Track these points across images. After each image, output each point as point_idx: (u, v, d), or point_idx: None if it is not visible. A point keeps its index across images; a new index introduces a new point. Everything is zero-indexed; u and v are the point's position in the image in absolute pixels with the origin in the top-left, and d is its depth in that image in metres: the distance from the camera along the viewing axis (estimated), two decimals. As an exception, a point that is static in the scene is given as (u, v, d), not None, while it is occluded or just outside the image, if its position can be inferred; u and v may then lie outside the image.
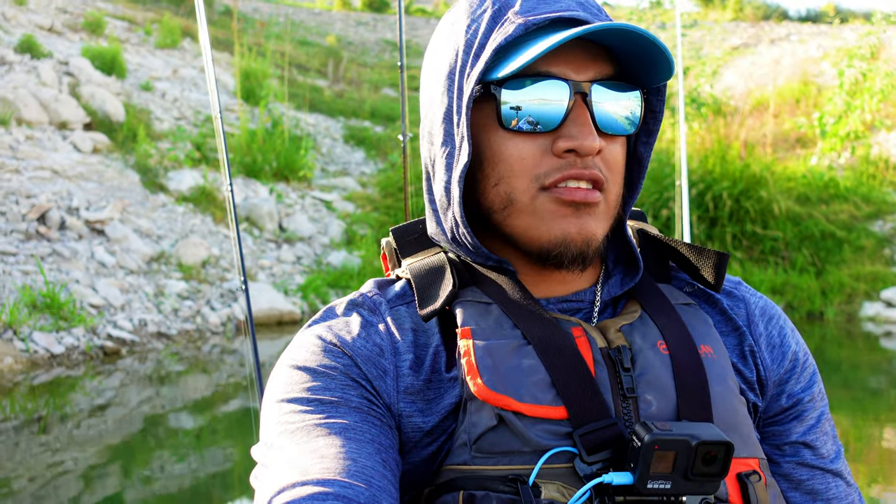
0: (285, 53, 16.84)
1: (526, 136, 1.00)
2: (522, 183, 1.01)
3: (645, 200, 10.00)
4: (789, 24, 22.55)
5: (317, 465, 0.87)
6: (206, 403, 5.92)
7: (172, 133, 10.71)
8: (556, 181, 0.99)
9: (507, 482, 0.91)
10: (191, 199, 9.29)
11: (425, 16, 25.53)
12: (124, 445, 4.93)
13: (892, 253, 10.05)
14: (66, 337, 6.29)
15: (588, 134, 0.98)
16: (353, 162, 12.99)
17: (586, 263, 1.02)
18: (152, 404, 5.70)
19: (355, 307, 1.06)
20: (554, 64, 0.99)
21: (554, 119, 0.99)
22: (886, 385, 7.14)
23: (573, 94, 0.98)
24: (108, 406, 5.56)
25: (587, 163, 0.99)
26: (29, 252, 6.96)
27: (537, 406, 0.93)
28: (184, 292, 7.62)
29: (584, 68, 1.00)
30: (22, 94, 9.36)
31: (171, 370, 6.47)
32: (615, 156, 1.02)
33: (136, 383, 6.05)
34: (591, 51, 1.00)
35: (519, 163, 1.00)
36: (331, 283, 8.71)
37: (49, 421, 5.19)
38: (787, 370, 1.11)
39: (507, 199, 1.02)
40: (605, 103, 1.00)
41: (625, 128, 1.02)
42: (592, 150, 0.98)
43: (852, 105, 11.85)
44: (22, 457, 4.57)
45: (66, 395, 5.66)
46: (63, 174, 8.44)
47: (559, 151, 0.99)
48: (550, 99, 0.99)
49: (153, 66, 13.29)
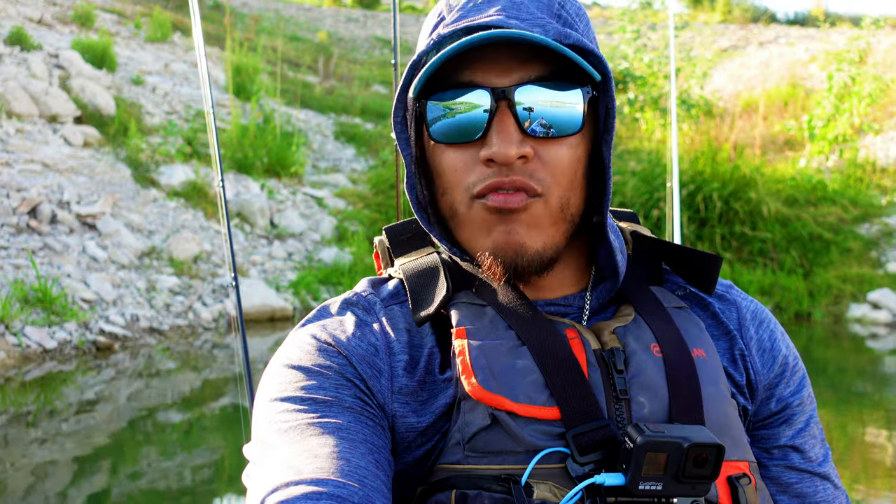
0: (276, 49, 16.80)
1: (457, 146, 1.00)
2: (458, 194, 1.01)
3: (636, 201, 10.06)
4: (777, 27, 22.67)
5: (310, 465, 0.87)
6: (196, 399, 5.92)
7: (163, 127, 10.67)
8: (481, 191, 0.98)
9: (500, 482, 0.92)
10: (182, 195, 9.27)
11: (415, 13, 25.50)
12: (113, 441, 4.92)
13: (879, 255, 10.14)
14: (59, 332, 6.26)
15: (504, 141, 0.96)
16: (343, 158, 12.99)
17: (530, 272, 1.01)
18: (142, 399, 5.69)
19: (350, 306, 1.06)
20: (477, 71, 0.98)
21: (477, 128, 0.98)
22: (871, 386, 7.22)
23: (494, 101, 0.97)
24: (98, 401, 5.55)
25: (512, 170, 0.97)
26: (20, 246, 6.93)
27: (531, 406, 0.94)
28: (175, 287, 7.60)
29: (508, 72, 0.98)
30: (12, 86, 9.31)
31: (162, 366, 6.46)
32: (556, 158, 0.99)
33: (127, 378, 6.04)
34: (520, 53, 0.98)
35: (453, 174, 1.01)
36: (322, 280, 8.72)
37: (39, 416, 5.18)
38: (776, 374, 1.11)
39: (451, 209, 1.03)
40: (539, 105, 0.97)
41: (562, 128, 0.99)
42: (507, 158, 0.96)
43: (841, 108, 11.95)
44: (10, 451, 4.55)
45: (58, 389, 5.64)
46: (54, 168, 8.40)
47: (483, 160, 0.98)
48: (472, 108, 0.98)
49: (143, 60, 13.23)
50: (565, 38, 0.98)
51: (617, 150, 11.95)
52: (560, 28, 0.99)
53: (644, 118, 12.55)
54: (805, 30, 21.49)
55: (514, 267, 1.00)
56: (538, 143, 0.98)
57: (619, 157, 11.52)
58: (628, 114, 12.53)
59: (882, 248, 10.25)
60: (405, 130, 1.07)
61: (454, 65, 0.99)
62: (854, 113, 11.84)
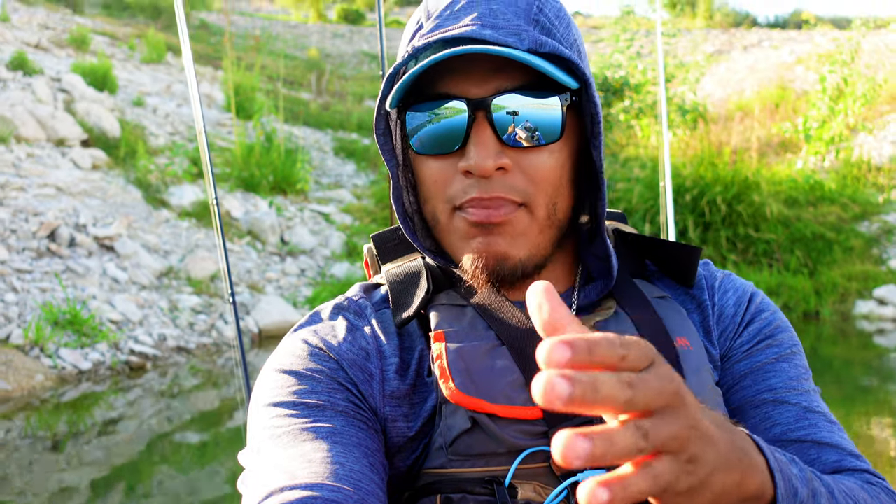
0: (266, 66, 16.86)
1: (437, 157, 1.00)
2: (440, 204, 1.02)
3: (639, 206, 10.18)
4: (760, 31, 22.95)
5: (304, 470, 0.86)
6: (213, 417, 5.93)
7: (169, 148, 10.73)
8: (462, 204, 0.99)
9: (484, 484, 0.92)
10: (193, 214, 9.32)
11: (400, 27, 25.64)
12: (130, 460, 4.94)
13: (881, 252, 10.30)
14: (91, 353, 6.31)
15: (482, 153, 0.96)
16: (344, 174, 13.06)
17: (514, 279, 1.01)
18: (164, 417, 5.71)
19: (341, 311, 1.06)
20: (454, 82, 0.98)
21: (455, 139, 0.98)
22: (877, 381, 7.32)
23: (472, 112, 0.96)
24: (120, 420, 5.57)
25: (490, 183, 0.97)
26: (43, 269, 6.96)
27: (511, 407, 0.93)
28: (197, 306, 7.65)
29: (484, 82, 0.97)
30: (19, 111, 9.33)
31: (185, 384, 6.49)
32: (536, 167, 0.98)
33: (153, 397, 6.07)
34: (497, 63, 0.97)
35: (433, 185, 1.02)
36: (337, 295, 8.75)
37: (67, 436, 5.20)
38: (739, 324, 1.10)
39: (434, 218, 1.04)
40: (519, 113, 0.97)
41: (543, 136, 0.98)
42: (485, 170, 0.95)
43: (836, 110, 12.14)
44: (33, 472, 4.58)
45: (90, 409, 5.67)
46: (67, 191, 8.43)
47: (462, 171, 0.98)
48: (450, 119, 0.97)
49: (141, 82, 13.27)
50: (541, 47, 0.97)
51: (619, 158, 12.05)
52: (536, 35, 0.98)
53: (639, 125, 12.69)
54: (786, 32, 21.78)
55: (497, 275, 1.00)
56: (517, 153, 0.98)
57: (622, 165, 11.64)
58: (624, 121, 12.66)
59: (883, 245, 10.41)
60: (389, 142, 1.07)
61: (431, 76, 0.99)
62: (849, 114, 12.03)
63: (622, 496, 0.54)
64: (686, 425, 0.60)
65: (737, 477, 0.68)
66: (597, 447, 0.52)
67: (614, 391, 0.53)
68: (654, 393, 0.56)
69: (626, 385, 0.54)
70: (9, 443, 4.96)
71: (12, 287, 6.55)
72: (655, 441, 0.57)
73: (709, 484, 0.64)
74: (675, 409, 0.59)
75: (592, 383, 0.52)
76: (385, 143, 1.06)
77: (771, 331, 1.10)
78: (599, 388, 0.53)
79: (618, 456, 0.54)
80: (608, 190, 1.93)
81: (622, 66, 12.87)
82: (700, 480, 0.63)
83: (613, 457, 0.53)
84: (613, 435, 0.54)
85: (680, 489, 0.61)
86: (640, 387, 0.55)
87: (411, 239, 1.09)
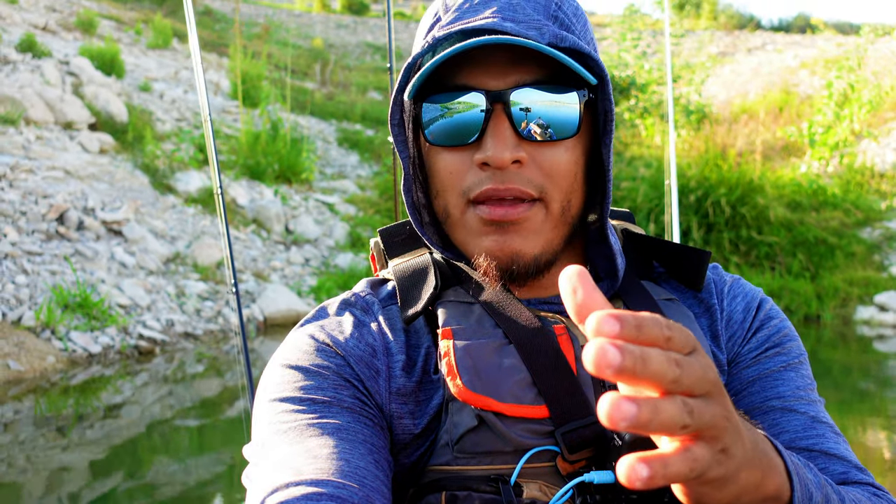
0: (272, 55, 16.85)
1: (452, 149, 0.99)
2: (453, 197, 1.01)
3: (643, 205, 10.22)
4: (763, 34, 22.98)
5: (310, 466, 0.85)
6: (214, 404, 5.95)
7: (175, 134, 10.73)
8: (477, 196, 0.98)
9: (489, 482, 0.92)
10: (199, 201, 9.33)
11: (405, 19, 25.60)
12: (130, 444, 4.96)
13: (882, 259, 10.35)
14: (101, 336, 6.33)
15: (499, 145, 0.95)
16: (348, 165, 13.08)
17: (526, 276, 1.01)
18: (166, 403, 5.73)
19: (348, 307, 1.05)
20: (473, 74, 0.97)
21: (472, 131, 0.97)
22: (875, 387, 7.36)
23: (490, 104, 0.96)
24: (124, 405, 5.60)
25: (506, 175, 0.97)
26: (52, 252, 6.98)
27: (518, 406, 0.93)
28: (203, 293, 7.67)
29: (504, 75, 0.97)
30: (28, 93, 9.32)
31: (190, 371, 6.51)
32: (554, 162, 0.98)
33: (159, 382, 6.09)
34: (516, 56, 0.97)
35: (447, 177, 1.01)
36: (341, 285, 8.80)
37: (71, 419, 5.22)
38: (748, 331, 1.10)
39: (445, 211, 1.03)
40: (536, 107, 0.96)
41: (559, 131, 0.98)
42: (502, 162, 0.95)
43: (841, 115, 12.18)
44: (35, 453, 4.60)
45: (97, 393, 5.69)
46: (75, 174, 8.43)
47: (478, 163, 0.97)
48: (468, 110, 0.97)
49: (148, 67, 13.26)
50: (561, 42, 0.97)
51: (624, 156, 12.09)
52: (556, 30, 0.98)
53: (644, 124, 12.72)
54: (790, 36, 21.82)
55: (510, 272, 1.00)
56: (534, 147, 0.98)
57: (628, 164, 11.67)
58: (629, 120, 12.69)
59: (885, 251, 10.46)
60: (402, 133, 1.07)
61: (450, 67, 0.98)
62: (854, 120, 12.07)
63: (662, 474, 0.54)
64: (723, 415, 0.60)
65: (759, 475, 0.69)
66: (643, 412, 0.52)
67: (663, 367, 0.54)
68: (698, 376, 0.57)
69: (674, 363, 0.55)
70: (16, 422, 4.99)
71: (23, 269, 6.57)
72: (700, 421, 0.57)
73: (735, 478, 0.65)
74: (715, 398, 0.59)
75: (643, 356, 0.52)
76: (399, 133, 1.06)
77: (780, 339, 1.10)
78: (649, 361, 0.53)
79: (662, 425, 0.54)
80: (613, 188, 1.92)
81: (629, 65, 12.90)
82: (729, 473, 0.63)
83: (658, 425, 0.53)
84: (660, 403, 0.54)
85: (710, 478, 0.62)
86: (686, 368, 0.56)
87: (420, 233, 1.09)
